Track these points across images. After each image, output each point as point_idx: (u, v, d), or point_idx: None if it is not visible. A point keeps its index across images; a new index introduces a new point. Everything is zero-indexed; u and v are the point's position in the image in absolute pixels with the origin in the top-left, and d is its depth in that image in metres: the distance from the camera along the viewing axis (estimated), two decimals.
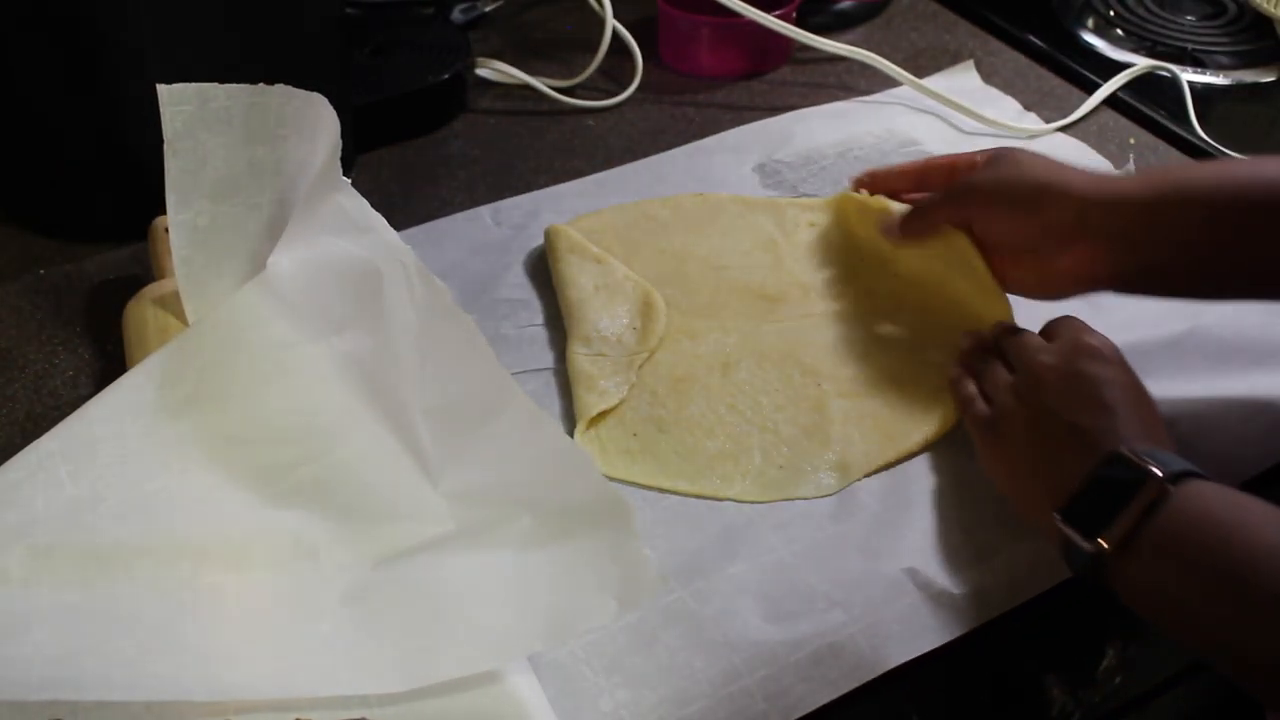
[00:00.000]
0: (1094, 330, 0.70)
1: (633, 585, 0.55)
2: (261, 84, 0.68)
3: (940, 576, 0.66)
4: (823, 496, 0.70)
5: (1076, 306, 0.74)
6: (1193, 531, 0.57)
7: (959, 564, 0.66)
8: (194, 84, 0.68)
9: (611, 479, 0.70)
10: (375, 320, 0.65)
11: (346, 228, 0.67)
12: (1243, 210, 0.69)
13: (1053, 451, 0.64)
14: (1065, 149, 0.98)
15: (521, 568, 0.57)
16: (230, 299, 0.70)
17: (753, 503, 0.70)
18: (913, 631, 0.64)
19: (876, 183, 0.87)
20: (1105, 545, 0.59)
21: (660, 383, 0.76)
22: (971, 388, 0.72)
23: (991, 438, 0.69)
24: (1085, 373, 0.66)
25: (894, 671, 0.63)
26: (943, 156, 0.85)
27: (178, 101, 0.68)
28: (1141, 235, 0.70)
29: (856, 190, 0.87)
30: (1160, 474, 0.58)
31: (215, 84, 0.68)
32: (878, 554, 0.67)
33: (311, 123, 0.67)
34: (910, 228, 0.80)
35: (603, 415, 0.74)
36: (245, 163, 0.70)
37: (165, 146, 0.69)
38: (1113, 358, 0.68)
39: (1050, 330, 0.72)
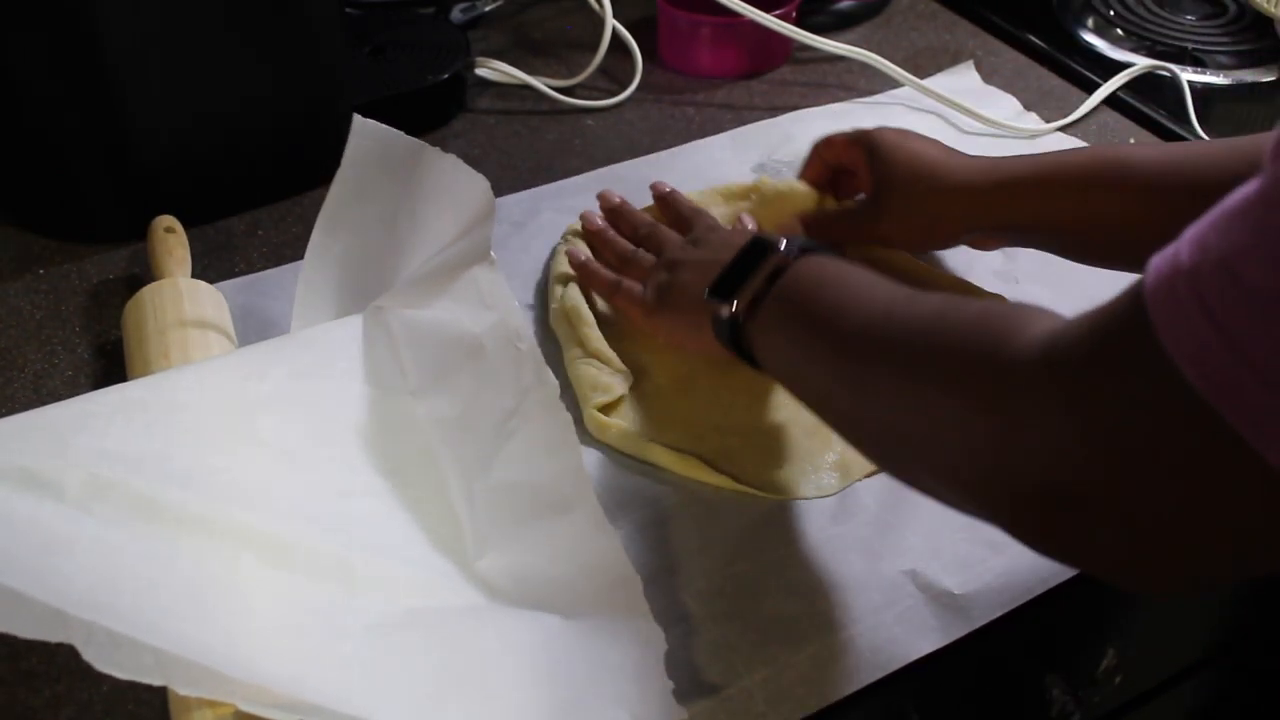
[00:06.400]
0: None
1: (650, 707, 0.55)
2: (438, 149, 0.72)
3: (941, 577, 0.66)
4: (823, 497, 0.70)
5: None
6: (802, 292, 0.63)
7: (960, 565, 0.66)
8: (382, 125, 0.73)
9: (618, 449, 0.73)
10: (460, 393, 0.68)
11: (470, 299, 0.69)
12: (1099, 190, 0.74)
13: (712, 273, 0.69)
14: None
15: (542, 658, 0.58)
16: (332, 324, 0.72)
17: (752, 504, 0.70)
18: (914, 633, 0.64)
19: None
20: (736, 307, 0.65)
21: (663, 381, 0.76)
22: (609, 273, 0.80)
23: (659, 303, 0.75)
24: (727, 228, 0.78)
25: (894, 671, 0.63)
26: (824, 145, 0.88)
27: (364, 135, 0.73)
28: (1015, 219, 0.77)
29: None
30: (784, 247, 0.65)
31: (400, 132, 0.73)
32: (879, 555, 0.67)
33: (465, 197, 0.70)
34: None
35: (605, 412, 0.74)
36: (394, 211, 0.74)
37: (339, 171, 0.74)
38: None
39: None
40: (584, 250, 0.83)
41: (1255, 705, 1.05)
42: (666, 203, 0.84)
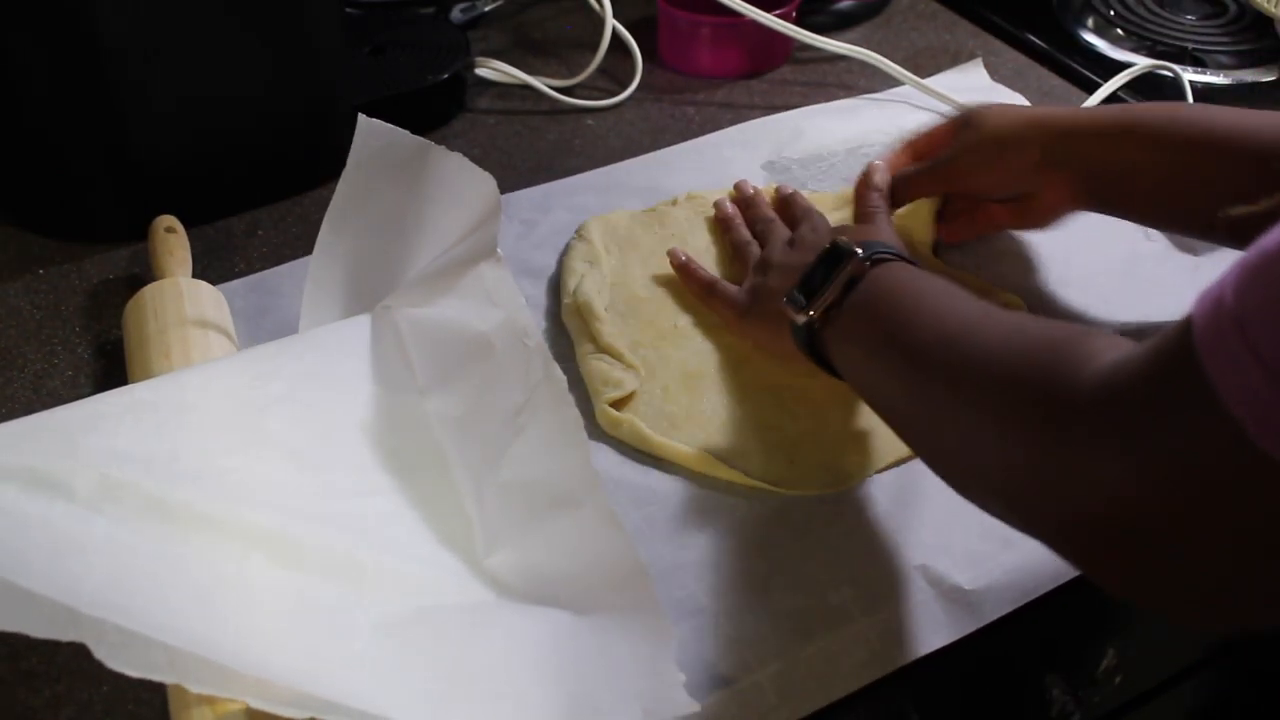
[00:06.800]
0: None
1: (662, 701, 0.55)
2: (444, 147, 0.71)
3: (952, 573, 0.65)
4: (835, 492, 0.70)
5: None
6: (876, 301, 0.64)
7: (971, 560, 0.66)
8: (388, 125, 0.72)
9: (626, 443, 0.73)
10: (468, 391, 0.68)
11: (477, 296, 0.69)
12: (1182, 145, 0.74)
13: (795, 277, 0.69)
14: None
15: (553, 654, 0.58)
16: (340, 324, 0.72)
17: (763, 499, 0.70)
18: (924, 628, 0.64)
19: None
20: (812, 314, 0.66)
21: (672, 378, 0.76)
22: (705, 274, 0.81)
23: (749, 307, 0.76)
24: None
25: (894, 671, 0.63)
26: (922, 134, 0.88)
27: (369, 134, 0.73)
28: (1097, 163, 0.77)
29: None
30: (860, 253, 0.65)
31: (406, 131, 0.72)
32: (890, 550, 0.67)
33: (471, 196, 0.70)
34: (896, 201, 0.84)
35: (616, 407, 0.74)
36: (400, 210, 0.74)
37: (344, 171, 0.73)
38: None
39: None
40: (684, 252, 0.83)
41: (1255, 705, 1.05)
42: (784, 204, 0.85)
